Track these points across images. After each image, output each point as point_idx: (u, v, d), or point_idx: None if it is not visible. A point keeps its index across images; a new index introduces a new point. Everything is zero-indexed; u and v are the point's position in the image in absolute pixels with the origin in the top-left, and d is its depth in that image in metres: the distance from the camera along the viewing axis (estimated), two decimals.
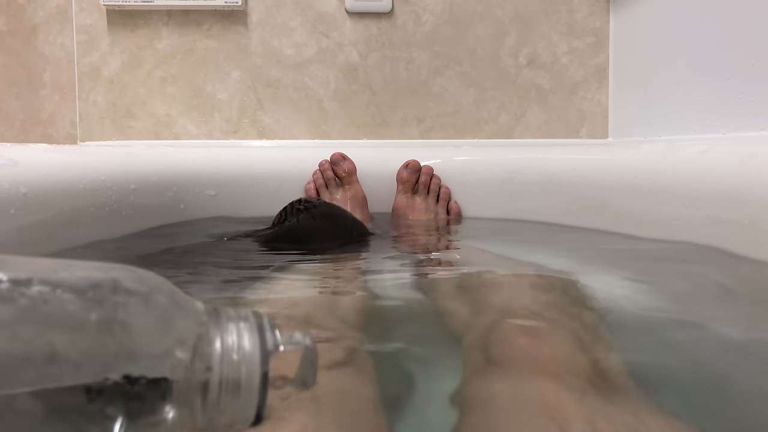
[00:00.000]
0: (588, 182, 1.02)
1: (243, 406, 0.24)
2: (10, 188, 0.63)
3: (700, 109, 1.03)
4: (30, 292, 0.22)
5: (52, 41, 1.40)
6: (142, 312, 0.23)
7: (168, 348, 0.23)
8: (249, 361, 0.24)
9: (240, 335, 0.25)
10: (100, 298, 0.23)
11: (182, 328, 0.24)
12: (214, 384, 0.24)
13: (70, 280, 0.23)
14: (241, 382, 0.24)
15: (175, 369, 0.23)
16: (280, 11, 1.38)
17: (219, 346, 0.24)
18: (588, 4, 1.38)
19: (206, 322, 0.25)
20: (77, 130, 1.40)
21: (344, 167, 1.14)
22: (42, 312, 0.22)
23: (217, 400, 0.24)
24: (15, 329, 0.21)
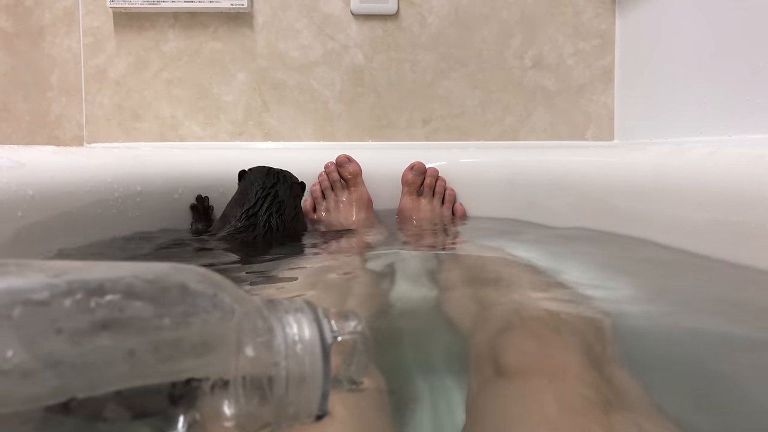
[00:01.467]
0: (594, 184, 1.01)
1: (308, 397, 0.24)
2: (17, 190, 0.63)
3: (707, 110, 1.03)
4: (104, 301, 0.22)
5: (59, 43, 1.41)
6: (211, 312, 0.24)
7: (238, 344, 0.24)
8: (311, 352, 0.24)
9: (300, 327, 0.25)
10: (171, 302, 0.23)
11: (248, 324, 0.24)
12: (281, 377, 0.24)
13: (140, 287, 0.23)
14: (306, 374, 0.24)
15: (245, 365, 0.23)
16: (285, 13, 1.38)
17: (282, 339, 0.24)
18: (594, 5, 1.38)
19: (267, 317, 0.25)
20: (84, 132, 1.41)
21: (350, 169, 1.14)
22: (119, 321, 0.22)
23: (285, 392, 0.24)
24: (95, 340, 0.21)
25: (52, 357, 0.20)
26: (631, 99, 1.33)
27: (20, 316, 0.20)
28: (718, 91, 0.99)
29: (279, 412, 0.24)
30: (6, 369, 0.20)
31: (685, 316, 0.53)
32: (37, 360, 0.20)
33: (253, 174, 0.97)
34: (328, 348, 0.25)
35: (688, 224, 0.79)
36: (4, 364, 0.20)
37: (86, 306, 0.21)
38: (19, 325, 0.20)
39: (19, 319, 0.20)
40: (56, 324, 0.21)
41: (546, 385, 0.35)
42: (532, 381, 0.35)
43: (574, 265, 0.76)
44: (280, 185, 0.95)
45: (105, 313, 0.22)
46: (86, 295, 0.22)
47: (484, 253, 0.87)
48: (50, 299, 0.21)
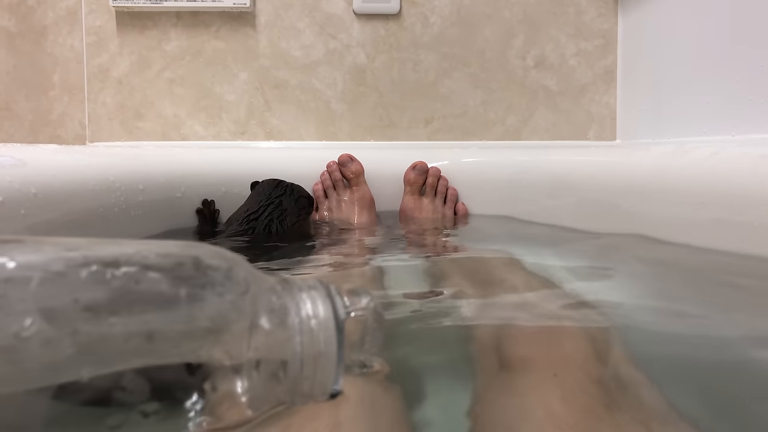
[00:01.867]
0: (597, 184, 1.01)
1: (323, 374, 0.24)
2: (20, 188, 0.63)
3: (710, 110, 1.03)
4: (120, 273, 0.22)
5: (62, 42, 1.41)
6: (226, 286, 0.23)
7: (253, 319, 0.24)
8: (326, 328, 0.24)
9: (314, 304, 0.25)
10: (186, 276, 0.23)
11: (263, 300, 0.24)
12: (296, 353, 0.24)
13: (154, 260, 0.23)
14: (320, 350, 0.24)
15: (260, 339, 0.23)
16: (288, 13, 1.38)
17: (297, 315, 0.24)
18: (596, 5, 1.38)
19: (281, 292, 0.25)
20: (86, 131, 1.41)
21: (352, 168, 1.14)
22: (135, 292, 0.22)
23: (300, 369, 0.24)
24: (111, 310, 0.21)
25: (70, 325, 0.21)
26: (634, 99, 1.33)
27: (38, 285, 0.21)
28: (721, 91, 0.99)
29: (293, 390, 0.24)
30: (26, 336, 0.20)
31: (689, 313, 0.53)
32: (56, 328, 0.20)
33: (263, 185, 0.99)
34: (341, 324, 0.25)
35: (691, 224, 0.79)
36: (23, 332, 0.20)
37: (102, 277, 0.22)
38: (37, 294, 0.21)
39: (36, 288, 0.21)
40: (73, 294, 0.21)
41: (551, 378, 0.34)
42: (537, 374, 0.35)
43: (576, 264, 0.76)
44: (286, 197, 0.97)
45: (121, 284, 0.22)
46: (102, 267, 0.22)
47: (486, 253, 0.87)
48: (67, 270, 0.21)
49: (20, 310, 0.20)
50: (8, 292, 0.20)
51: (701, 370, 0.41)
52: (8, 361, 0.20)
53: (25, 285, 0.21)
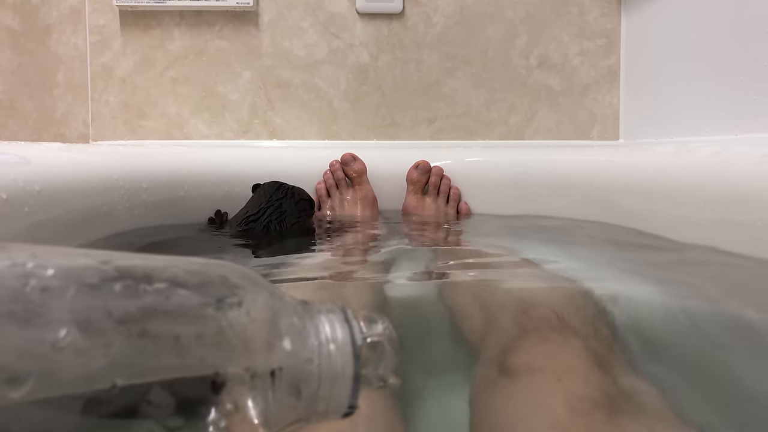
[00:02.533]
0: (600, 184, 1.01)
1: (338, 395, 0.25)
2: (24, 186, 0.64)
3: (713, 110, 1.03)
4: (152, 288, 0.23)
5: (66, 41, 1.41)
6: (252, 306, 0.24)
7: (274, 339, 0.24)
8: (343, 352, 0.25)
9: (332, 327, 0.26)
10: (214, 294, 0.24)
11: (285, 320, 0.25)
12: (313, 375, 0.25)
13: (183, 277, 0.24)
14: (338, 373, 0.25)
15: (280, 359, 0.24)
16: (291, 12, 1.39)
17: (316, 337, 0.25)
18: (599, 5, 1.38)
19: (301, 314, 0.26)
20: (89, 130, 1.41)
21: (355, 168, 1.14)
22: (166, 308, 0.23)
23: (317, 389, 0.25)
24: (143, 324, 0.22)
25: (103, 338, 0.21)
26: (637, 98, 1.32)
27: (73, 297, 0.21)
28: (724, 91, 0.99)
29: (309, 409, 0.25)
30: (60, 346, 0.20)
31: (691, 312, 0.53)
32: (90, 340, 0.21)
33: (264, 188, 0.99)
34: (358, 349, 0.25)
35: (694, 223, 0.79)
36: (59, 342, 0.21)
37: (135, 292, 0.22)
38: (74, 305, 0.21)
39: (73, 299, 0.21)
40: (107, 307, 0.22)
41: (553, 383, 0.34)
42: (537, 379, 0.35)
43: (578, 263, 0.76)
44: (287, 200, 0.97)
45: (152, 299, 0.22)
46: (134, 282, 0.23)
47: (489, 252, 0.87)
48: (101, 283, 0.22)
49: (57, 320, 0.21)
50: (46, 301, 0.21)
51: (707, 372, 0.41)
52: (43, 370, 0.20)
53: (62, 296, 0.21)
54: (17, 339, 0.20)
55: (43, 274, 0.21)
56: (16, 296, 0.21)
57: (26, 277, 0.21)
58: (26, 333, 0.21)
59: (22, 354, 0.20)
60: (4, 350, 0.20)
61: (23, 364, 0.20)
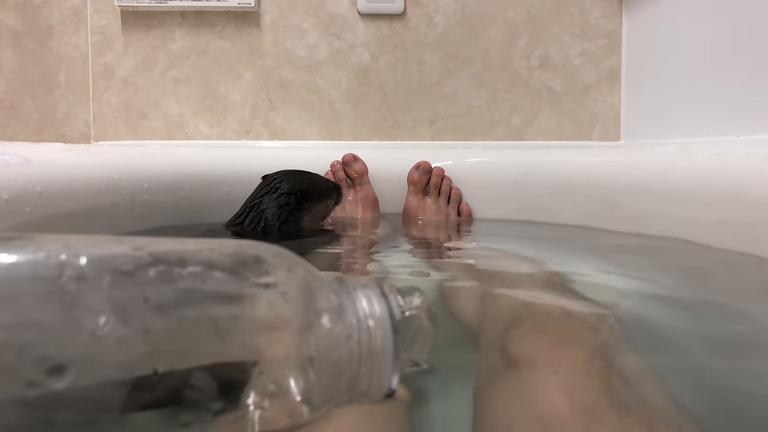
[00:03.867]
0: (601, 185, 1.01)
1: (379, 373, 0.24)
2: (26, 186, 0.64)
3: (714, 111, 1.02)
4: (186, 272, 0.22)
5: (67, 42, 1.42)
6: (287, 285, 0.24)
7: (312, 318, 0.24)
8: (382, 327, 0.25)
9: (370, 302, 0.25)
10: (250, 275, 0.23)
11: (322, 298, 0.25)
12: (354, 351, 0.24)
13: (218, 259, 0.23)
14: (378, 349, 0.24)
15: (319, 338, 0.24)
16: (292, 13, 1.39)
17: (354, 314, 0.25)
18: (600, 6, 1.38)
19: (338, 291, 0.25)
20: (91, 130, 1.41)
21: (356, 168, 1.14)
22: (202, 291, 0.22)
23: (357, 367, 0.24)
24: (180, 309, 0.22)
25: (142, 324, 0.21)
26: (638, 99, 1.32)
27: (110, 284, 0.21)
28: (725, 92, 0.99)
29: (351, 387, 0.24)
30: (100, 335, 0.21)
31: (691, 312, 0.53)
32: (129, 327, 0.21)
33: (262, 182, 0.94)
34: (397, 323, 0.25)
35: (695, 224, 0.79)
36: (98, 330, 0.21)
37: (170, 277, 0.22)
38: (110, 293, 0.21)
39: (109, 287, 0.21)
40: (143, 293, 0.22)
41: (553, 375, 0.34)
42: (539, 372, 0.35)
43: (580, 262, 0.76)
44: (267, 196, 0.90)
45: (188, 283, 0.22)
46: (169, 267, 0.22)
47: (490, 252, 0.87)
48: (135, 270, 0.22)
49: (94, 309, 0.21)
50: (83, 291, 0.21)
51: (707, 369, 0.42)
52: (84, 359, 0.20)
53: (98, 284, 0.21)
54: (57, 329, 0.20)
55: (78, 264, 0.21)
56: (53, 287, 0.21)
57: (61, 268, 0.21)
58: (65, 323, 0.20)
59: (62, 344, 0.20)
60: (44, 341, 0.20)
61: (65, 354, 0.20)
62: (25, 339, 0.20)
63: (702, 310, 0.54)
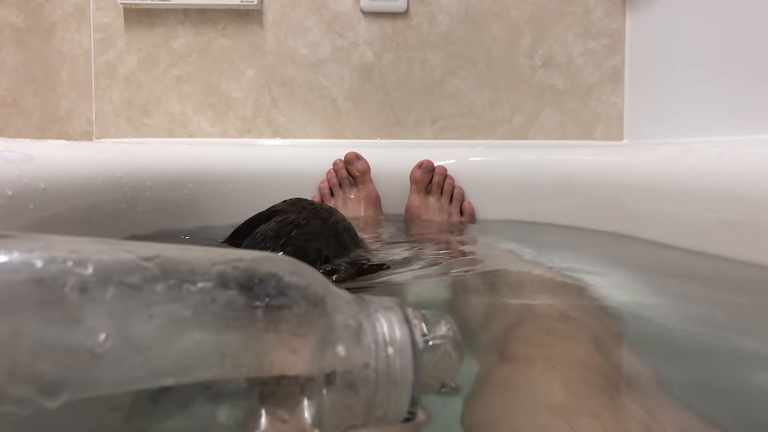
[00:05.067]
0: (604, 184, 1.01)
1: (397, 401, 0.23)
2: (29, 183, 0.64)
3: (717, 111, 1.02)
4: (196, 289, 0.21)
5: (70, 39, 1.42)
6: (303, 306, 0.23)
7: (331, 342, 0.23)
8: (402, 355, 0.23)
9: (391, 327, 0.24)
10: (264, 294, 0.22)
11: (339, 320, 0.23)
12: (370, 379, 0.23)
13: (231, 275, 0.22)
14: (396, 377, 0.23)
15: (334, 362, 0.22)
16: (295, 11, 1.39)
17: (373, 339, 0.23)
18: (604, 5, 1.37)
19: (357, 313, 0.24)
20: (93, 128, 1.41)
21: (358, 166, 1.14)
22: (211, 311, 0.21)
23: (374, 395, 0.23)
24: (186, 328, 0.21)
25: (144, 343, 0.20)
26: (641, 99, 1.32)
27: (113, 298, 0.20)
28: (728, 92, 0.99)
29: (365, 414, 0.23)
30: (99, 353, 0.19)
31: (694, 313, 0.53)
32: (130, 346, 0.20)
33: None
34: (418, 352, 0.24)
35: (698, 224, 0.79)
36: (97, 348, 0.19)
37: (178, 293, 0.21)
38: (112, 307, 0.20)
39: (111, 301, 0.20)
40: (148, 310, 0.20)
41: (550, 370, 0.35)
42: (536, 366, 0.36)
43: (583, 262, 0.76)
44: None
45: (196, 301, 0.21)
46: (178, 282, 0.21)
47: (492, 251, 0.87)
48: (142, 284, 0.21)
49: (96, 324, 0.20)
50: (84, 304, 0.20)
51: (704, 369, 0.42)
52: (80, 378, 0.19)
53: (101, 297, 0.20)
54: (54, 344, 0.19)
55: (82, 273, 0.20)
56: (53, 297, 0.20)
57: (64, 276, 0.20)
58: (63, 338, 0.19)
59: (58, 360, 0.19)
60: (39, 356, 0.19)
61: (60, 372, 0.19)
62: (18, 353, 0.19)
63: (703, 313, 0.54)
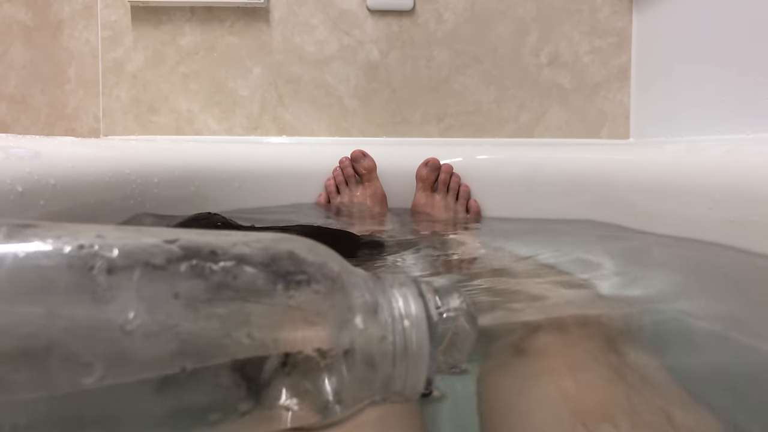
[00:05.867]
0: (610, 182, 1.01)
1: (414, 374, 0.24)
2: (39, 179, 0.64)
3: (724, 109, 1.02)
4: (218, 267, 0.22)
5: (78, 37, 1.42)
6: (320, 282, 0.23)
7: (346, 316, 0.23)
8: (418, 328, 0.24)
9: (406, 302, 0.24)
10: (282, 271, 0.23)
11: (356, 296, 0.24)
12: (387, 352, 0.23)
13: (251, 254, 0.23)
14: (413, 350, 0.23)
15: (352, 337, 0.23)
16: (301, 8, 1.39)
17: (389, 313, 0.24)
18: (611, 3, 1.37)
19: (372, 289, 0.24)
20: (100, 125, 1.42)
21: (364, 164, 1.14)
22: (233, 287, 0.22)
23: (391, 368, 0.23)
24: (210, 305, 0.21)
25: (171, 320, 0.21)
26: (648, 97, 1.32)
27: (140, 278, 0.21)
28: (735, 90, 0.99)
29: (384, 388, 0.24)
30: (129, 330, 0.20)
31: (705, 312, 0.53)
32: (157, 323, 0.20)
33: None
34: (434, 324, 0.24)
35: (705, 223, 0.79)
36: (127, 325, 0.20)
37: (201, 272, 0.22)
38: (139, 287, 0.21)
39: (138, 281, 0.21)
40: (173, 288, 0.21)
41: (562, 363, 0.35)
42: (550, 362, 0.36)
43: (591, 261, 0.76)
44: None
45: (219, 279, 0.22)
46: (200, 261, 0.22)
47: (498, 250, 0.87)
48: (166, 264, 0.21)
49: (124, 303, 0.20)
50: (113, 284, 0.21)
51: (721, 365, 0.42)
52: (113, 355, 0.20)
53: (129, 277, 0.21)
54: (86, 324, 0.20)
55: (109, 255, 0.21)
56: (84, 279, 0.20)
57: (93, 259, 0.21)
58: (94, 317, 0.20)
59: (91, 339, 0.20)
60: (74, 336, 0.20)
61: (93, 350, 0.20)
62: (54, 333, 0.20)
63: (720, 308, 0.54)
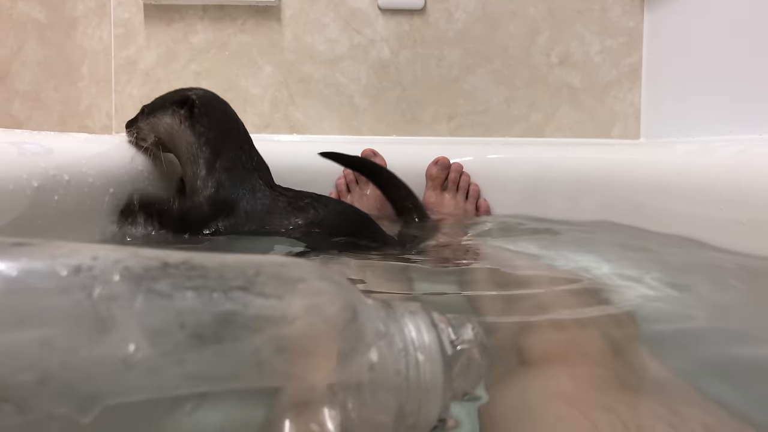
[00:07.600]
0: (620, 183, 1.01)
1: (428, 408, 0.23)
2: (55, 175, 0.65)
3: (736, 109, 1.02)
4: (226, 295, 0.21)
5: (91, 34, 1.43)
6: (335, 313, 0.22)
7: (362, 349, 0.22)
8: (432, 360, 0.23)
9: (419, 332, 0.23)
10: (294, 300, 0.22)
11: (369, 327, 0.23)
12: (402, 387, 0.22)
13: (261, 282, 0.21)
14: (426, 383, 0.23)
15: (364, 369, 0.22)
16: (313, 7, 1.39)
17: (403, 345, 0.23)
18: (622, 3, 1.37)
19: (386, 319, 0.23)
20: (113, 122, 1.43)
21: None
22: (243, 317, 0.20)
23: (405, 403, 0.22)
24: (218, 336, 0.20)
25: (176, 354, 0.19)
26: (658, 97, 1.32)
27: (142, 306, 0.19)
28: (747, 90, 0.98)
29: (396, 423, 0.23)
30: (130, 363, 0.18)
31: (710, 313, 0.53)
32: (162, 356, 0.19)
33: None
34: (448, 359, 0.23)
35: (716, 223, 0.78)
36: (128, 359, 0.18)
37: (209, 300, 0.20)
38: (142, 315, 0.19)
39: (141, 309, 0.19)
40: (179, 318, 0.19)
41: (564, 368, 0.35)
42: (552, 367, 0.36)
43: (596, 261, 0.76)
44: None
45: (228, 308, 0.20)
46: (207, 289, 0.20)
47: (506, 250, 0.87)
48: (172, 291, 0.20)
49: (125, 334, 0.19)
50: (114, 312, 0.19)
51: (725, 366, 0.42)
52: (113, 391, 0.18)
53: (130, 305, 0.19)
54: (85, 355, 0.18)
55: (110, 280, 0.19)
56: (83, 307, 0.19)
57: (92, 284, 0.19)
58: (95, 348, 0.18)
59: (90, 372, 0.18)
60: (71, 368, 0.18)
61: (92, 384, 0.18)
62: (49, 365, 0.18)
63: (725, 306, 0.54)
